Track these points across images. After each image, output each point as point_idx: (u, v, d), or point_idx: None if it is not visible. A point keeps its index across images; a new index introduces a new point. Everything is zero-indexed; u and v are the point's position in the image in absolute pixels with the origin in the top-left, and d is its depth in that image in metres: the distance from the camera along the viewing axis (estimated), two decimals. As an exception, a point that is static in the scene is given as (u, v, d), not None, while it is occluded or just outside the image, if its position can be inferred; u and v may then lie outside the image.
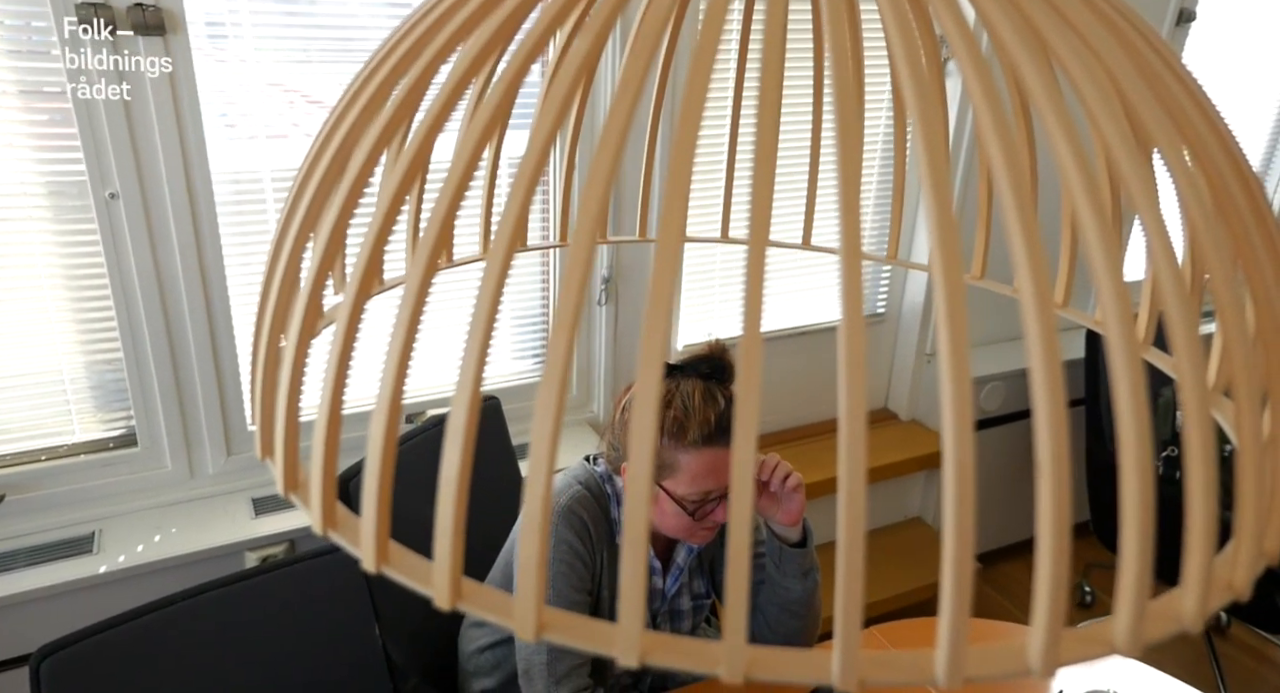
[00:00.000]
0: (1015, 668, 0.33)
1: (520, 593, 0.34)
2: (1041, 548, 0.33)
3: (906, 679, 0.33)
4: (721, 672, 0.33)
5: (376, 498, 0.36)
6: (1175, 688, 1.33)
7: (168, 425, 1.60)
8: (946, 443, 0.31)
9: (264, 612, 1.20)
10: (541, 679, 1.16)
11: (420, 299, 0.33)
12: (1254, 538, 0.39)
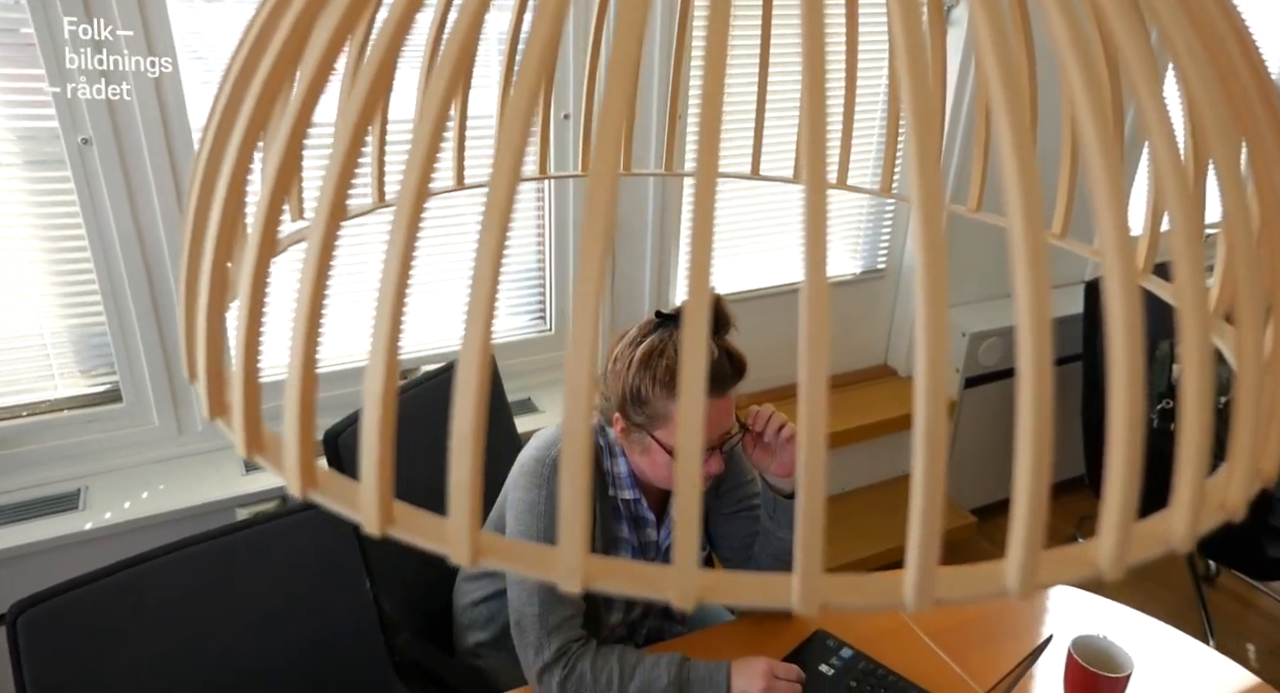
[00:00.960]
0: (990, 590, 0.31)
1: (453, 516, 0.32)
2: (1021, 459, 0.30)
3: (872, 603, 0.30)
4: (671, 597, 0.30)
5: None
6: (1164, 632, 1.32)
7: (153, 382, 1.58)
8: (919, 336, 0.28)
9: (251, 567, 1.19)
10: (533, 631, 1.15)
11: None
12: (1250, 457, 0.36)
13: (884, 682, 1.20)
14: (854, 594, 0.30)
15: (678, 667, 1.13)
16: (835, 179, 0.76)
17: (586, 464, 0.29)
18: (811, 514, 0.30)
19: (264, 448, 0.36)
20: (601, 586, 0.31)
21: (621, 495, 1.25)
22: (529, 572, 0.31)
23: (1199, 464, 0.33)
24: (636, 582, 0.31)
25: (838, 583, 0.31)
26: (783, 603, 0.30)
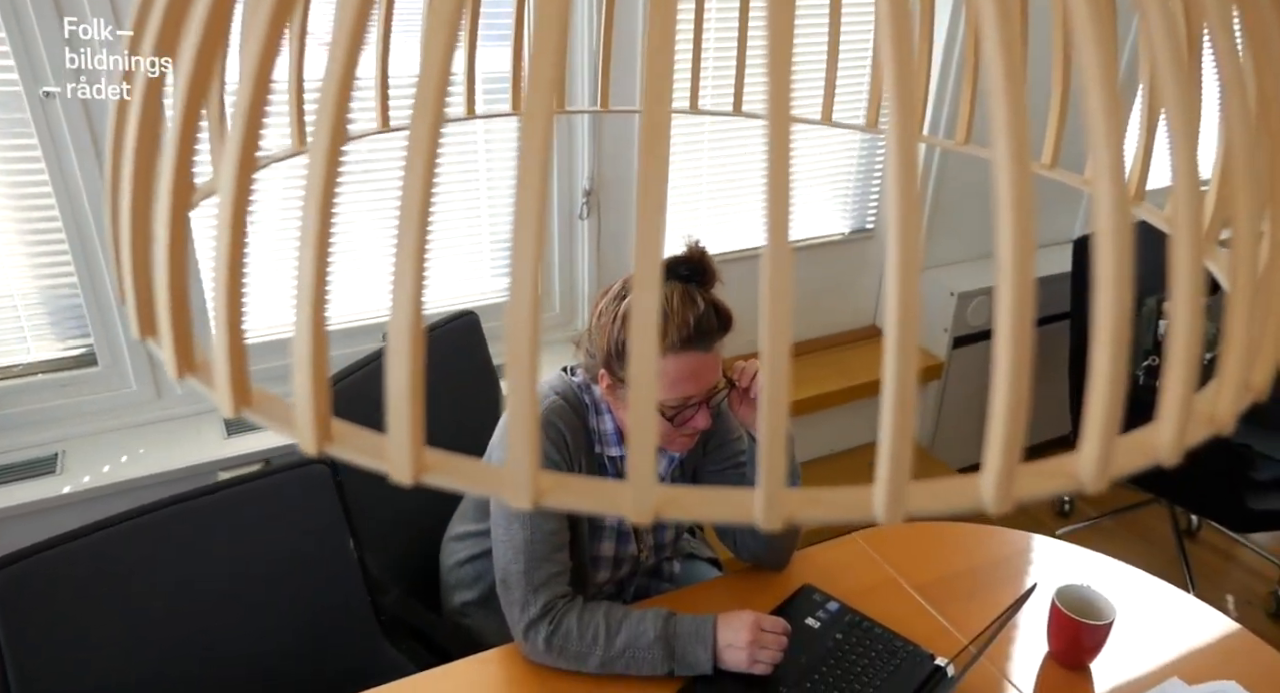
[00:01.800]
0: (964, 503, 0.29)
1: (392, 431, 0.30)
2: (999, 363, 0.28)
3: (839, 516, 0.29)
4: (628, 512, 0.28)
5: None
6: (1147, 582, 1.33)
7: (129, 345, 1.55)
8: (891, 210, 0.26)
9: (231, 527, 1.18)
10: (519, 587, 1.14)
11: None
12: (1240, 369, 0.35)
13: (870, 634, 1.20)
14: (820, 508, 0.29)
15: (664, 621, 1.13)
16: (820, 116, 0.74)
17: (533, 371, 0.28)
18: (773, 429, 0.28)
19: (195, 368, 0.34)
20: (553, 501, 0.29)
21: (608, 452, 1.23)
22: (476, 488, 0.29)
23: (1187, 375, 0.32)
24: (590, 497, 0.29)
25: (803, 497, 0.29)
26: (744, 518, 0.29)
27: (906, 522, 1.03)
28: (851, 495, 0.29)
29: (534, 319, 0.26)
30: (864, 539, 1.40)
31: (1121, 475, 0.30)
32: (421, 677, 1.13)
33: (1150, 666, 1.16)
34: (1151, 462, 0.31)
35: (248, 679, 1.18)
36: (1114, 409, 0.30)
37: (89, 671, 1.07)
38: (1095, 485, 0.30)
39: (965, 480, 0.30)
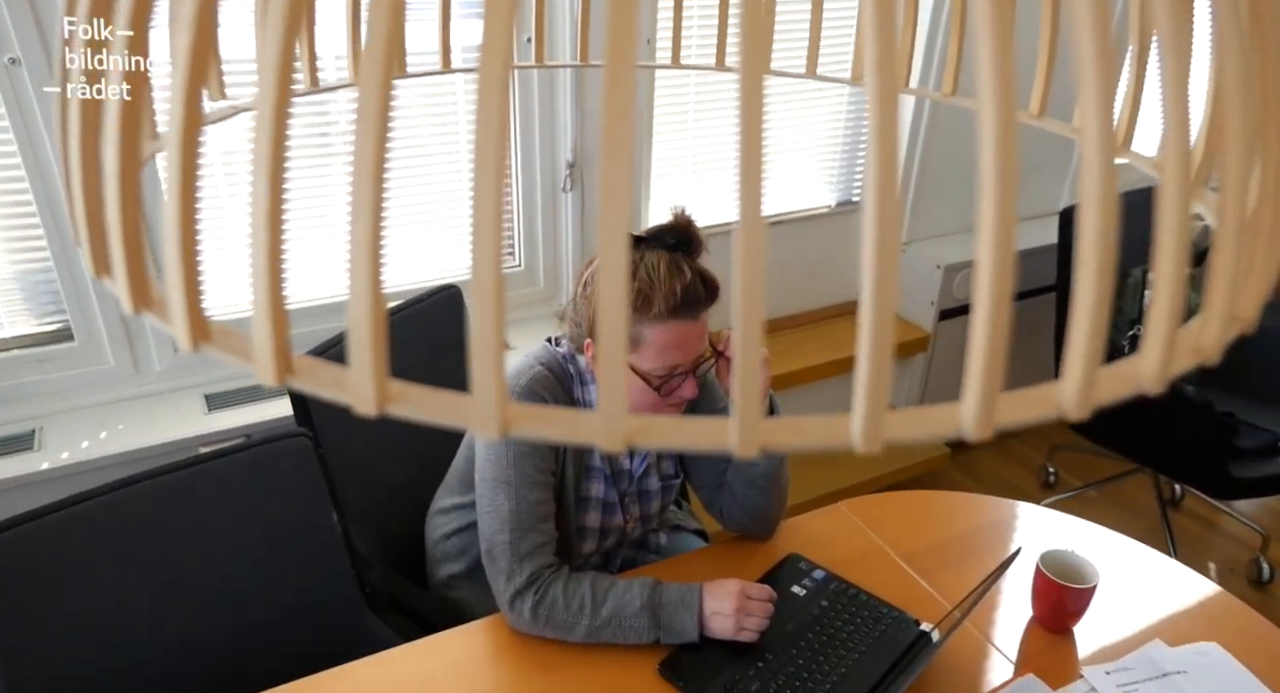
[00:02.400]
0: (943, 430, 0.29)
1: (354, 362, 0.29)
2: (979, 283, 0.27)
3: (815, 443, 0.28)
4: (598, 440, 0.28)
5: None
6: (1130, 546, 1.34)
7: (105, 320, 1.53)
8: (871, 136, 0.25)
9: (212, 501, 1.17)
10: (505, 558, 1.14)
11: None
12: (1227, 300, 0.34)
13: (855, 601, 1.20)
14: (795, 435, 0.28)
15: (650, 590, 1.13)
16: (805, 70, 0.73)
17: (498, 295, 0.26)
18: (748, 354, 0.27)
19: (151, 304, 0.33)
20: (521, 430, 0.28)
21: (592, 423, 1.23)
22: (443, 419, 0.29)
23: (1172, 304, 0.31)
24: (559, 425, 0.28)
25: (778, 425, 0.28)
26: (719, 445, 0.28)
27: (887, 466, 1.03)
28: (828, 423, 0.28)
29: (495, 233, 0.25)
30: (850, 508, 1.40)
31: (1104, 403, 0.30)
32: (407, 648, 1.13)
33: (1133, 629, 1.17)
34: (1135, 390, 0.30)
35: (234, 652, 1.18)
36: (1097, 334, 0.29)
37: (70, 644, 1.06)
38: (1077, 412, 0.29)
39: (944, 408, 0.29)
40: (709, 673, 1.08)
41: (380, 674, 1.08)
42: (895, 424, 0.28)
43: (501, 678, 1.08)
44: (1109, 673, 1.10)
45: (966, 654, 1.14)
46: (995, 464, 2.63)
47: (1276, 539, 2.31)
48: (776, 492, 1.28)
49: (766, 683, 1.07)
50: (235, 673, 1.08)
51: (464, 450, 1.35)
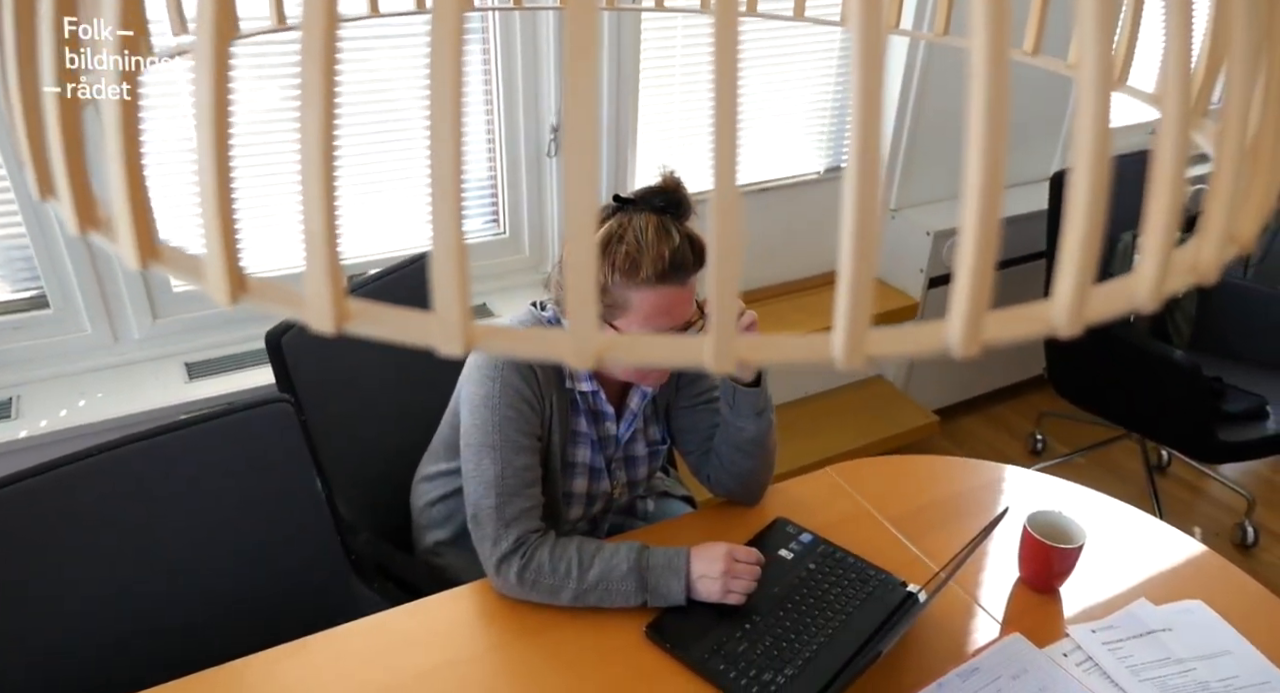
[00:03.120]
0: (929, 346, 0.27)
1: (309, 277, 0.27)
2: (968, 197, 0.26)
3: (795, 359, 0.27)
4: (568, 357, 0.26)
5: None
6: (1116, 508, 1.34)
7: (82, 287, 1.50)
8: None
9: (195, 466, 1.15)
10: (490, 523, 1.13)
11: None
12: (1225, 220, 0.33)
13: (843, 563, 1.20)
14: (773, 351, 0.27)
15: (637, 554, 1.12)
16: (793, 12, 0.70)
17: (457, 204, 0.25)
18: (724, 265, 0.26)
19: (99, 225, 0.31)
20: (487, 346, 0.27)
21: (579, 388, 1.21)
22: (403, 336, 0.27)
23: (1168, 220, 0.29)
24: (527, 342, 0.27)
25: (755, 341, 0.27)
26: (694, 362, 0.27)
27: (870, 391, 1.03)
28: (808, 340, 0.27)
29: (455, 134, 0.24)
30: (837, 473, 1.40)
31: (1097, 321, 0.29)
32: (393, 612, 1.12)
33: (1118, 588, 1.18)
34: (1128, 308, 0.29)
35: (218, 619, 1.17)
36: (1091, 245, 0.28)
37: (48, 611, 1.05)
38: (1069, 329, 0.28)
39: (930, 325, 0.27)
40: (696, 635, 1.08)
41: (365, 638, 1.08)
42: (878, 340, 0.27)
43: (488, 641, 1.08)
44: (1094, 631, 1.10)
45: (953, 614, 1.14)
46: (983, 432, 2.64)
47: (1262, 503, 2.33)
48: (764, 457, 1.28)
49: (754, 645, 1.07)
50: (221, 639, 1.08)
51: (449, 417, 1.33)
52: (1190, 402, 1.89)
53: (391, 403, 1.49)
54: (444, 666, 1.04)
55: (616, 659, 1.05)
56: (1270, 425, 1.94)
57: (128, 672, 1.02)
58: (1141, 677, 1.04)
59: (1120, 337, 2.03)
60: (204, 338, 1.64)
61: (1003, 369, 2.70)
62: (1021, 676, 1.03)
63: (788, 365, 0.25)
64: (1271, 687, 1.03)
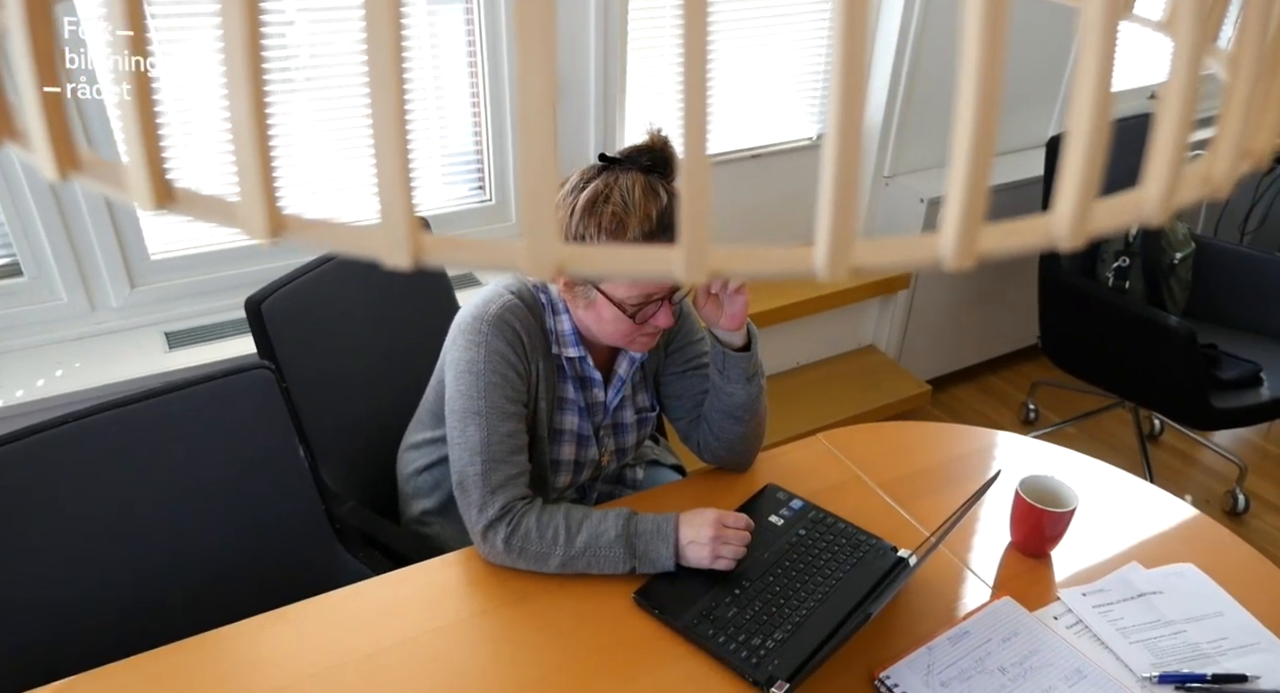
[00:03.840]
0: (919, 258, 0.25)
1: (243, 186, 0.25)
2: (963, 95, 0.24)
3: (774, 271, 0.25)
4: (524, 267, 0.24)
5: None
6: (1108, 472, 1.33)
7: (56, 254, 1.47)
8: None
9: (175, 434, 1.13)
10: (476, 490, 1.11)
11: None
12: (1239, 131, 0.30)
13: (833, 529, 1.19)
14: (751, 262, 0.24)
15: (626, 520, 1.11)
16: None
17: (399, 103, 0.23)
18: (696, 170, 0.23)
19: (16, 135, 0.28)
20: (438, 258, 0.24)
21: (566, 354, 1.19)
22: (346, 248, 0.25)
23: (1179, 128, 0.27)
24: (479, 254, 0.25)
25: (732, 252, 0.24)
26: (664, 271, 0.24)
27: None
28: (789, 251, 0.24)
29: (395, 28, 0.21)
30: (828, 440, 1.38)
31: (1100, 234, 0.26)
32: (378, 580, 1.11)
33: (1110, 553, 1.17)
34: (1134, 219, 0.27)
35: (201, 588, 1.15)
36: (1095, 152, 0.25)
37: (28, 580, 1.03)
38: (1070, 241, 0.26)
39: (920, 237, 0.25)
40: (684, 601, 1.07)
41: (350, 606, 1.06)
42: (865, 251, 0.24)
43: (474, 608, 1.06)
44: (1085, 595, 1.09)
45: (944, 579, 1.13)
46: (976, 401, 2.63)
47: (1254, 471, 2.34)
48: (754, 423, 1.26)
49: (743, 610, 1.06)
50: (202, 608, 1.06)
51: (435, 384, 1.31)
52: (1185, 368, 1.88)
53: (376, 371, 1.46)
54: (430, 632, 1.02)
55: (604, 626, 1.04)
56: (1264, 392, 1.94)
57: (108, 640, 1.01)
58: (1132, 639, 1.03)
59: (1115, 304, 2.01)
60: (184, 307, 1.61)
61: (996, 339, 2.69)
62: (1011, 639, 1.03)
63: (767, 277, 0.23)
64: (1261, 648, 1.02)
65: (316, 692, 0.95)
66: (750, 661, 0.99)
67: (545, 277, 0.23)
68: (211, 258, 1.63)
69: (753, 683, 0.97)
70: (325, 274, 1.40)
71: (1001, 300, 2.58)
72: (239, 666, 0.98)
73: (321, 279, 1.39)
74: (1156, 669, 0.99)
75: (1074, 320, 2.14)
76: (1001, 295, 2.57)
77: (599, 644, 1.02)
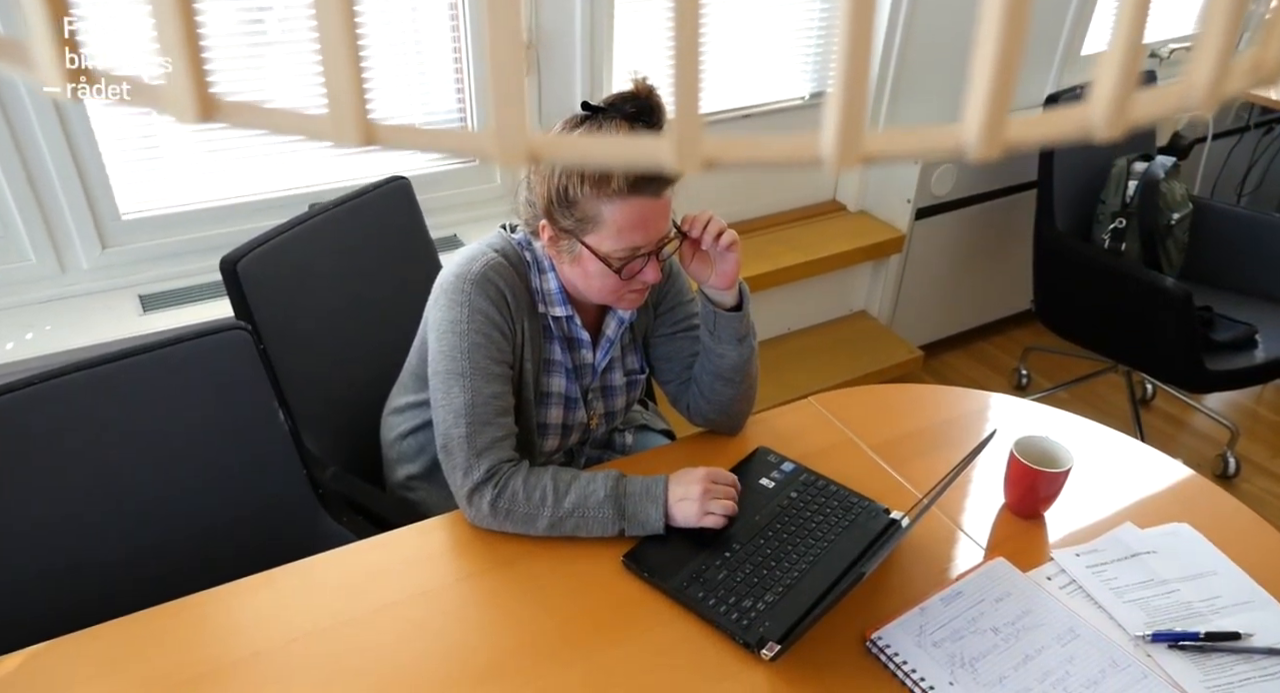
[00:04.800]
0: (939, 146, 0.22)
1: (172, 63, 0.22)
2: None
3: (776, 158, 0.22)
4: (490, 155, 0.21)
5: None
6: (1104, 433, 1.32)
7: (23, 215, 1.42)
8: None
9: (149, 395, 1.10)
10: (461, 453, 1.08)
11: None
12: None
13: (825, 491, 1.17)
14: (751, 149, 0.22)
15: (614, 481, 1.09)
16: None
17: None
18: (686, 50, 0.20)
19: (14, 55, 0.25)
20: (389, 143, 0.21)
21: (552, 313, 1.16)
22: (284, 129, 0.22)
23: (1230, 14, 0.24)
24: (438, 139, 0.22)
25: (728, 142, 0.22)
26: (653, 159, 0.21)
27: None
28: (791, 139, 0.22)
29: None
30: (819, 402, 1.36)
31: (1140, 123, 0.24)
32: (362, 544, 1.09)
33: (1104, 513, 1.16)
34: (1180, 107, 0.24)
35: (179, 555, 1.13)
36: (1136, 32, 0.22)
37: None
38: (1109, 130, 0.23)
39: (942, 126, 0.22)
40: (674, 564, 1.05)
41: (334, 570, 1.04)
42: (878, 140, 0.22)
43: (460, 572, 1.04)
44: (1079, 555, 1.08)
45: (937, 541, 1.12)
46: (967, 367, 2.62)
47: (1245, 434, 2.34)
48: (745, 385, 1.24)
49: (733, 572, 1.04)
50: (183, 574, 1.04)
51: (418, 346, 1.28)
52: (1180, 331, 1.87)
53: (359, 334, 1.43)
54: (415, 597, 1.00)
55: (593, 589, 1.02)
56: (1258, 354, 1.93)
57: (82, 606, 0.99)
58: (1125, 598, 1.02)
59: (1111, 266, 1.99)
60: (158, 269, 1.56)
61: (988, 304, 2.67)
62: (1005, 599, 1.02)
63: (766, 164, 0.20)
64: (1255, 606, 1.02)
65: (299, 655, 0.93)
66: (741, 623, 0.98)
67: (516, 162, 0.20)
68: (186, 218, 1.59)
69: (743, 645, 0.96)
70: (304, 233, 1.36)
71: (994, 265, 2.56)
72: (218, 630, 0.96)
73: (300, 238, 1.35)
74: (1150, 628, 0.98)
75: (1069, 283, 2.12)
76: (994, 260, 2.55)
77: (587, 608, 1.00)
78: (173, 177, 1.56)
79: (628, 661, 0.94)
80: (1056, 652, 0.95)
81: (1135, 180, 1.98)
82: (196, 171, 1.58)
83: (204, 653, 0.93)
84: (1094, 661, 0.94)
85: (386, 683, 0.90)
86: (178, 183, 1.58)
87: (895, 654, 0.94)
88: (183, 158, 1.56)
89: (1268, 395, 2.52)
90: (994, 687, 0.91)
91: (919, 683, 0.91)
